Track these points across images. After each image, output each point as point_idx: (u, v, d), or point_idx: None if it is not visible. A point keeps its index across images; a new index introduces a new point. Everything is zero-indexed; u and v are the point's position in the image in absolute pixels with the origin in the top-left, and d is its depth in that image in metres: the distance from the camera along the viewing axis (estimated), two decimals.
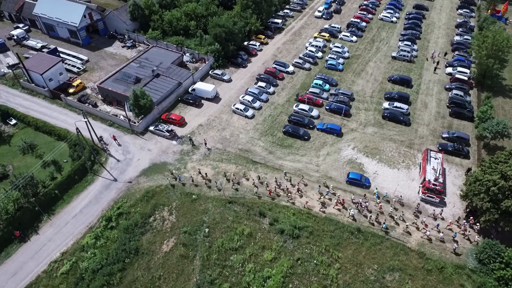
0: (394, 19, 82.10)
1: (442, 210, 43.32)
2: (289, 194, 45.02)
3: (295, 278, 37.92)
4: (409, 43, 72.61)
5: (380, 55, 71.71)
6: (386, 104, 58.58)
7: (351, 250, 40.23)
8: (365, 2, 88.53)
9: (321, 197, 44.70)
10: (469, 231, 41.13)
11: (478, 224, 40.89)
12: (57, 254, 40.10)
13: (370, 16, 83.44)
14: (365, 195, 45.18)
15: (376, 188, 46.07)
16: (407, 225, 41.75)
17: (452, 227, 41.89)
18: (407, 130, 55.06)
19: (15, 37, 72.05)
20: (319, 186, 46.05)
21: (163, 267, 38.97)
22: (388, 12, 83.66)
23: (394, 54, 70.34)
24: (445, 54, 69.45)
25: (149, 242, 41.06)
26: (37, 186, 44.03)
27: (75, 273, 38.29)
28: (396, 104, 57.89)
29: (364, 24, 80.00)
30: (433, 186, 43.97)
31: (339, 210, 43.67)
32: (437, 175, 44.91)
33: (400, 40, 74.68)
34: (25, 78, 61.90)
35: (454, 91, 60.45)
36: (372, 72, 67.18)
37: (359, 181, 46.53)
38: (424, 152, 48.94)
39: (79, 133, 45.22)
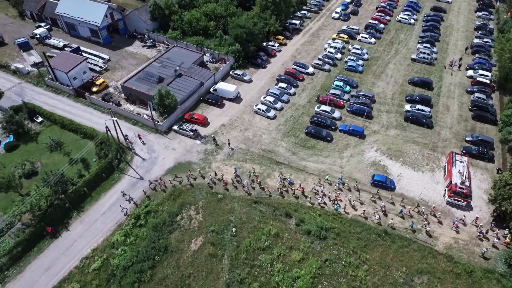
0: (412, 21, 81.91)
1: (464, 216, 43.25)
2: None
3: (324, 279, 38.17)
4: (428, 45, 72.42)
5: (399, 57, 71.64)
6: (407, 107, 58.58)
7: (378, 252, 40.40)
8: (382, 4, 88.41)
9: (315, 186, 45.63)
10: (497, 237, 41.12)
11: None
12: (88, 251, 40.74)
13: (387, 17, 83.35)
14: (319, 180, 46.96)
15: (341, 174, 47.58)
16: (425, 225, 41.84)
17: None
18: (430, 133, 55.02)
19: (38, 36, 73.01)
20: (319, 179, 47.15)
21: (192, 265, 39.43)
22: (406, 14, 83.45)
23: (413, 56, 70.25)
24: (460, 58, 69.18)
25: (177, 241, 41.54)
26: (67, 184, 44.73)
27: (106, 269, 38.88)
28: (418, 106, 57.85)
29: (382, 25, 79.97)
30: (460, 190, 43.97)
31: (296, 198, 45.17)
32: (464, 178, 44.90)
33: (419, 42, 74.52)
34: (50, 76, 62.77)
35: (476, 94, 60.28)
36: (392, 74, 67.17)
37: (384, 183, 46.64)
38: (449, 155, 48.92)
39: (109, 131, 45.82)
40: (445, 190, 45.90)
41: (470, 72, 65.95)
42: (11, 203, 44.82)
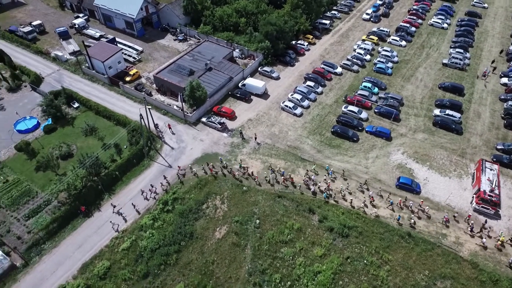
0: (445, 25, 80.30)
1: (486, 221, 42.63)
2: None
3: (345, 276, 38.52)
4: (461, 50, 70.92)
5: (430, 61, 70.52)
6: (437, 111, 57.75)
7: (401, 253, 40.33)
8: (415, 7, 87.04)
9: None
10: None
11: None
12: (118, 231, 42.65)
13: (419, 21, 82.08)
14: (307, 171, 48.10)
15: (328, 165, 48.71)
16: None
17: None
18: (459, 139, 54.11)
19: (77, 26, 76.30)
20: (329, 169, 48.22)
21: (216, 252, 40.63)
22: (439, 18, 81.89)
23: (445, 61, 69.00)
24: (493, 61, 67.24)
25: (202, 228, 42.86)
26: (100, 167, 46.90)
27: (134, 250, 40.63)
28: (448, 111, 56.94)
29: (413, 29, 78.85)
30: (488, 197, 43.21)
31: (287, 186, 46.40)
32: (493, 186, 44.08)
33: (451, 47, 73.07)
34: (87, 64, 65.63)
35: (510, 102, 58.70)
36: (422, 78, 66.27)
37: (409, 186, 46.38)
38: (479, 162, 48.05)
39: (142, 119, 47.68)
40: (473, 197, 45.18)
41: (505, 80, 64.23)
42: (48, 182, 47.42)
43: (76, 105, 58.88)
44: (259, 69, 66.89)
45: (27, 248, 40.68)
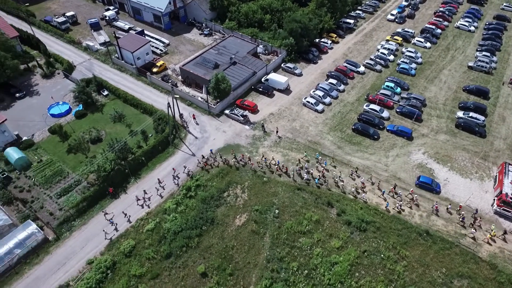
0: (472, 28, 79.17)
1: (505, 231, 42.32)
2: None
3: (362, 268, 39.19)
4: (488, 54, 69.93)
5: (455, 63, 69.87)
6: (460, 113, 57.41)
7: (418, 250, 40.66)
8: (441, 9, 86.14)
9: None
10: None
11: None
12: (143, 213, 44.60)
13: (446, 23, 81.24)
14: (299, 160, 49.62)
15: (317, 153, 50.28)
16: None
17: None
18: (482, 142, 53.69)
19: (107, 18, 79.25)
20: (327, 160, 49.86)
21: (236, 239, 41.98)
22: (466, 21, 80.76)
23: (470, 64, 68.24)
24: None
25: (223, 215, 44.30)
26: (128, 152, 49.02)
27: (158, 231, 42.42)
28: (472, 114, 56.51)
29: (439, 31, 78.14)
30: (510, 200, 42.95)
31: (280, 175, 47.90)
32: None
33: (477, 50, 72.12)
34: (116, 55, 68.24)
35: None
36: (446, 80, 65.81)
37: (429, 185, 46.50)
38: (502, 165, 47.69)
39: (169, 107, 49.52)
40: (494, 199, 44.95)
41: None
42: (78, 164, 49.91)
43: (106, 93, 61.42)
44: (282, 65, 67.91)
45: (59, 223, 43.08)
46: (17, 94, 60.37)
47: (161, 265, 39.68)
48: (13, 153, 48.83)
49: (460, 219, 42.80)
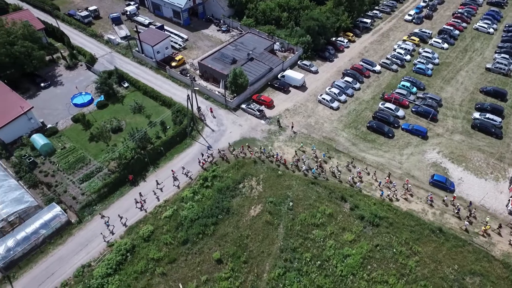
0: (491, 30, 78.51)
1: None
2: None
3: (374, 262, 39.83)
4: (507, 56, 69.34)
5: (473, 65, 69.54)
6: (476, 114, 57.33)
7: (431, 247, 41.06)
8: (460, 10, 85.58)
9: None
10: None
11: None
12: (161, 201, 46.10)
13: (464, 24, 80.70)
14: (295, 151, 50.74)
15: (313, 144, 51.76)
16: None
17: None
18: (498, 143, 53.56)
19: (128, 13, 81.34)
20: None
21: (251, 228, 43.08)
22: (485, 23, 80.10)
23: (488, 65, 67.87)
24: None
25: (238, 205, 45.45)
26: (148, 141, 50.63)
27: (176, 218, 43.81)
28: (488, 115, 56.37)
29: (457, 32, 77.76)
30: None
31: (278, 165, 49.20)
32: None
33: (496, 52, 71.56)
34: (136, 49, 70.11)
35: None
36: (462, 81, 65.63)
37: (443, 184, 46.76)
38: None
39: (189, 99, 50.94)
40: (509, 200, 44.96)
41: None
42: (100, 152, 51.75)
43: (126, 84, 63.27)
44: (298, 62, 68.71)
45: (81, 207, 44.91)
46: (42, 84, 62.73)
47: (178, 251, 41.05)
48: (38, 139, 50.98)
49: (456, 211, 43.77)
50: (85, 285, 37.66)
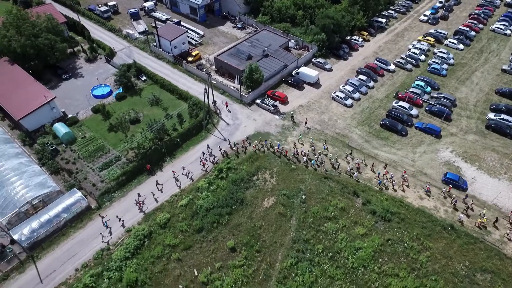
0: (508, 31, 77.90)
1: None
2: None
3: (385, 255, 40.44)
4: None
5: (489, 66, 69.27)
6: (491, 115, 57.29)
7: (442, 243, 41.48)
8: (477, 11, 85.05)
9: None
10: None
11: None
12: (177, 190, 47.44)
13: (480, 26, 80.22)
14: (294, 143, 52.55)
15: (311, 137, 53.00)
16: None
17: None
18: None
19: (146, 9, 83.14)
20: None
21: (264, 219, 44.09)
22: (502, 24, 79.49)
23: (505, 67, 67.54)
24: None
25: (252, 197, 46.50)
26: (165, 133, 52.04)
27: (191, 207, 45.09)
28: (504, 116, 56.27)
29: (473, 33, 77.41)
30: None
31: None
32: None
33: None
34: (154, 43, 71.73)
35: None
36: (477, 82, 65.50)
37: (456, 182, 47.02)
38: None
39: (206, 93, 52.19)
40: None
41: None
42: (118, 142, 53.34)
43: (144, 78, 64.90)
44: (313, 60, 69.42)
45: (100, 194, 46.53)
46: (64, 76, 64.77)
47: (193, 238, 42.31)
48: (60, 128, 52.86)
49: (453, 202, 44.73)
50: (105, 267, 39.18)
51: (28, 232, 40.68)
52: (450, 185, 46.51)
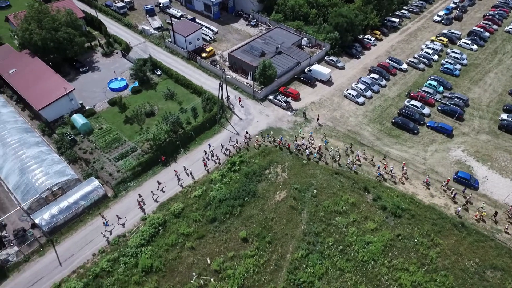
0: None
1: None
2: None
3: (395, 250, 40.93)
4: None
5: (502, 67, 68.99)
6: (504, 116, 57.18)
7: (452, 240, 41.79)
8: (491, 12, 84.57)
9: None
10: None
11: None
12: (191, 181, 48.55)
13: (495, 27, 79.80)
14: (295, 137, 53.37)
15: (301, 128, 54.30)
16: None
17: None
18: None
19: (161, 5, 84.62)
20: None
21: (275, 212, 44.91)
22: None
23: None
24: None
25: (264, 190, 47.36)
26: (179, 126, 53.20)
27: (204, 198, 46.14)
28: None
29: (487, 34, 77.07)
30: None
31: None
32: None
33: None
34: (169, 39, 73.05)
35: None
36: (491, 83, 65.33)
37: (468, 181, 47.21)
38: None
39: (221, 87, 53.21)
40: None
41: None
42: (134, 133, 54.72)
43: (159, 72, 66.23)
44: (325, 58, 69.97)
45: (116, 183, 47.86)
46: (81, 69, 66.49)
47: (206, 228, 43.34)
48: (78, 119, 54.43)
49: (452, 195, 45.62)
50: (121, 253, 40.45)
51: (48, 217, 42.17)
52: (448, 178, 47.37)
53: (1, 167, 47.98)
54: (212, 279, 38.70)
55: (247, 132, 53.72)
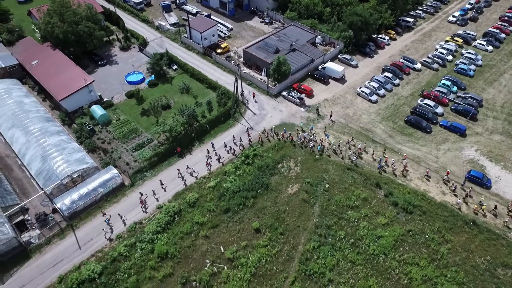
0: None
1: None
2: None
3: (406, 245, 41.42)
4: None
5: None
6: None
7: (463, 237, 42.10)
8: (508, 14, 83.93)
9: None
10: None
11: None
12: (205, 173, 49.71)
13: (511, 28, 79.22)
14: (297, 130, 54.51)
15: (311, 125, 54.97)
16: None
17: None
18: None
19: (177, 1, 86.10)
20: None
21: (288, 204, 45.76)
22: None
23: None
24: None
25: (277, 183, 48.24)
26: (194, 119, 54.44)
27: (219, 189, 47.21)
28: None
29: (503, 35, 76.62)
30: None
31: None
32: None
33: None
34: (185, 35, 74.38)
35: None
36: (506, 84, 65.09)
37: (480, 180, 47.38)
38: None
39: (236, 83, 54.23)
40: None
41: None
42: (150, 125, 56.16)
43: (175, 67, 67.60)
44: (339, 56, 70.50)
45: (133, 172, 49.27)
46: (100, 62, 68.25)
47: (220, 218, 44.42)
48: (97, 110, 56.06)
49: (452, 188, 46.51)
50: (137, 239, 41.79)
51: (69, 203, 43.75)
52: (448, 170, 48.12)
53: (24, 154, 49.79)
54: (225, 267, 39.76)
55: (248, 130, 54.77)
